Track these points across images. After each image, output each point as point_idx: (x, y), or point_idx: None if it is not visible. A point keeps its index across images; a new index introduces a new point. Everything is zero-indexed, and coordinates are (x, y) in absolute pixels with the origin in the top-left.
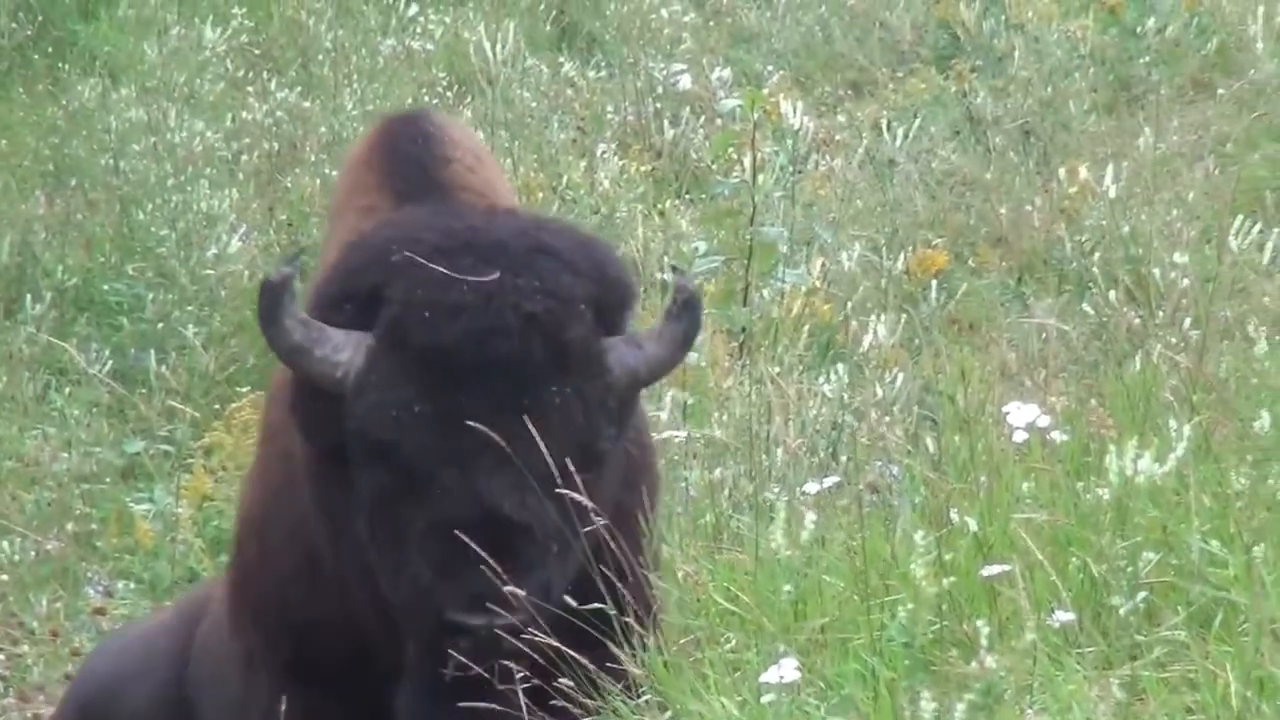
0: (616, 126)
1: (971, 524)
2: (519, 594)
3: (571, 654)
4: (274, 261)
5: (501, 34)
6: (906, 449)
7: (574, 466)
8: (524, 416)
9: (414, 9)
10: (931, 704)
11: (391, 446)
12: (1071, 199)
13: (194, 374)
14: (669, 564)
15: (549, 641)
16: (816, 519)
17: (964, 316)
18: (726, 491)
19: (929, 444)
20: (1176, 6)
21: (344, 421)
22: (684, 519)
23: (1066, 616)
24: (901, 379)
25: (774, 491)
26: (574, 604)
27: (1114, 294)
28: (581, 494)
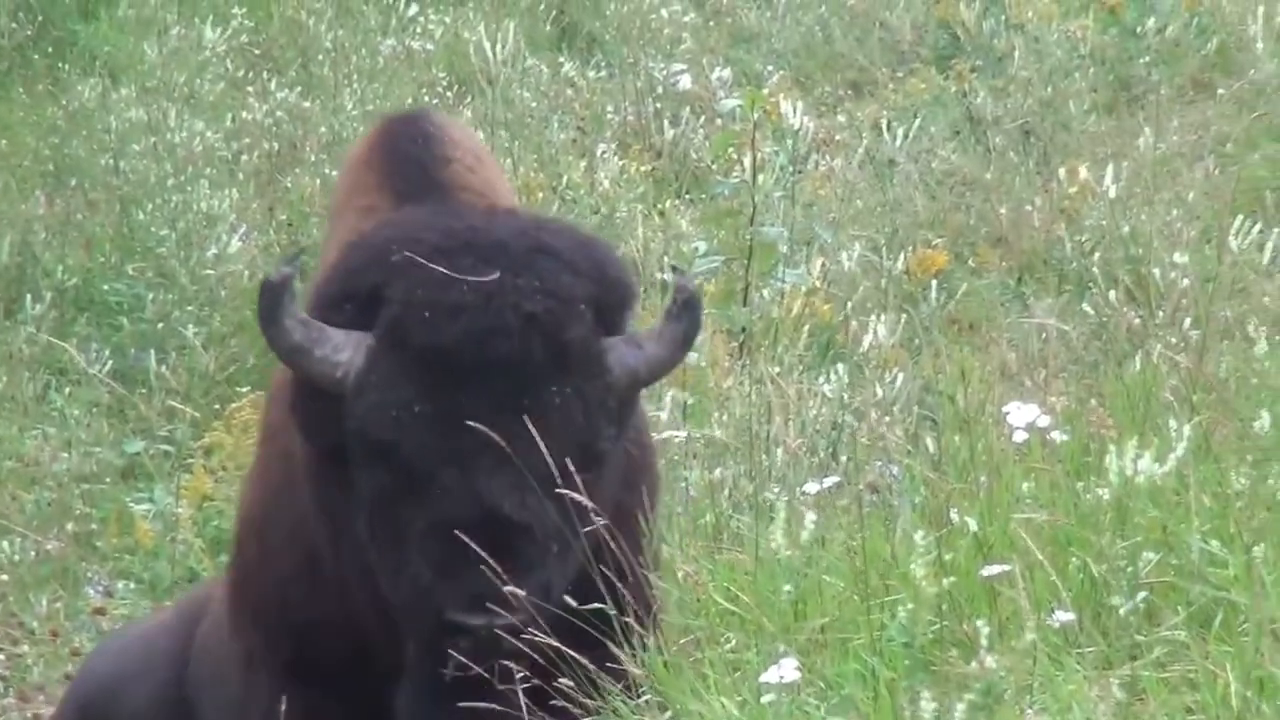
0: (616, 126)
1: (971, 524)
2: (519, 594)
3: (572, 654)
4: (274, 262)
5: (501, 34)
6: (906, 449)
7: (574, 466)
8: (524, 416)
9: (414, 9)
10: (931, 704)
11: (391, 446)
12: (1071, 199)
13: (194, 374)
14: (669, 564)
15: (549, 642)
16: (816, 519)
17: (964, 316)
18: (726, 491)
19: (929, 444)
20: (1176, 6)
21: (344, 421)
22: (684, 519)
23: (1066, 616)
24: (901, 379)
25: (774, 491)
26: (574, 604)
27: (1114, 294)
28: (581, 494)
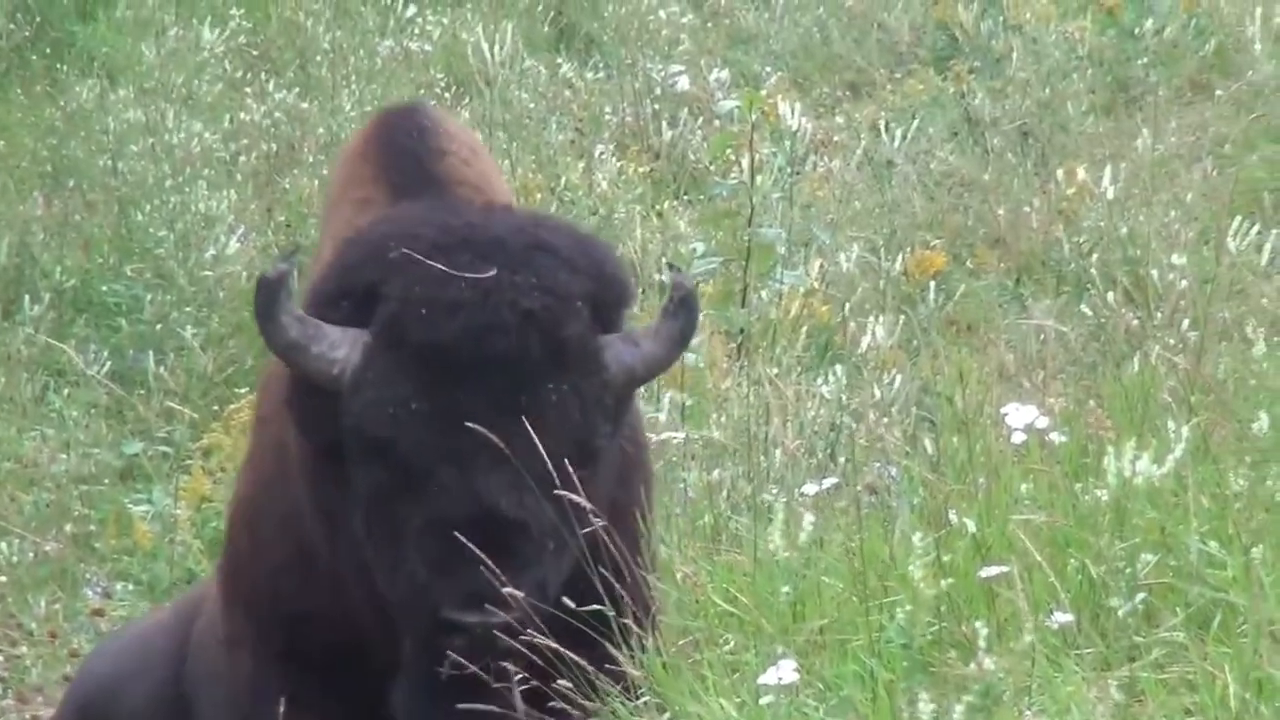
0: (615, 127)
1: (970, 525)
2: (516, 593)
3: (570, 655)
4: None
5: (499, 35)
6: (905, 450)
7: (570, 464)
8: (521, 414)
9: (412, 10)
10: (930, 705)
11: (388, 444)
12: (1069, 200)
13: (192, 375)
14: (668, 565)
15: (547, 642)
16: (815, 520)
17: (962, 318)
18: (725, 493)
19: (927, 445)
20: (1174, 8)
21: (340, 418)
22: (682, 520)
23: (1065, 618)
24: (900, 380)
25: (772, 493)
26: (570, 604)
27: (1112, 295)
28: (578, 492)
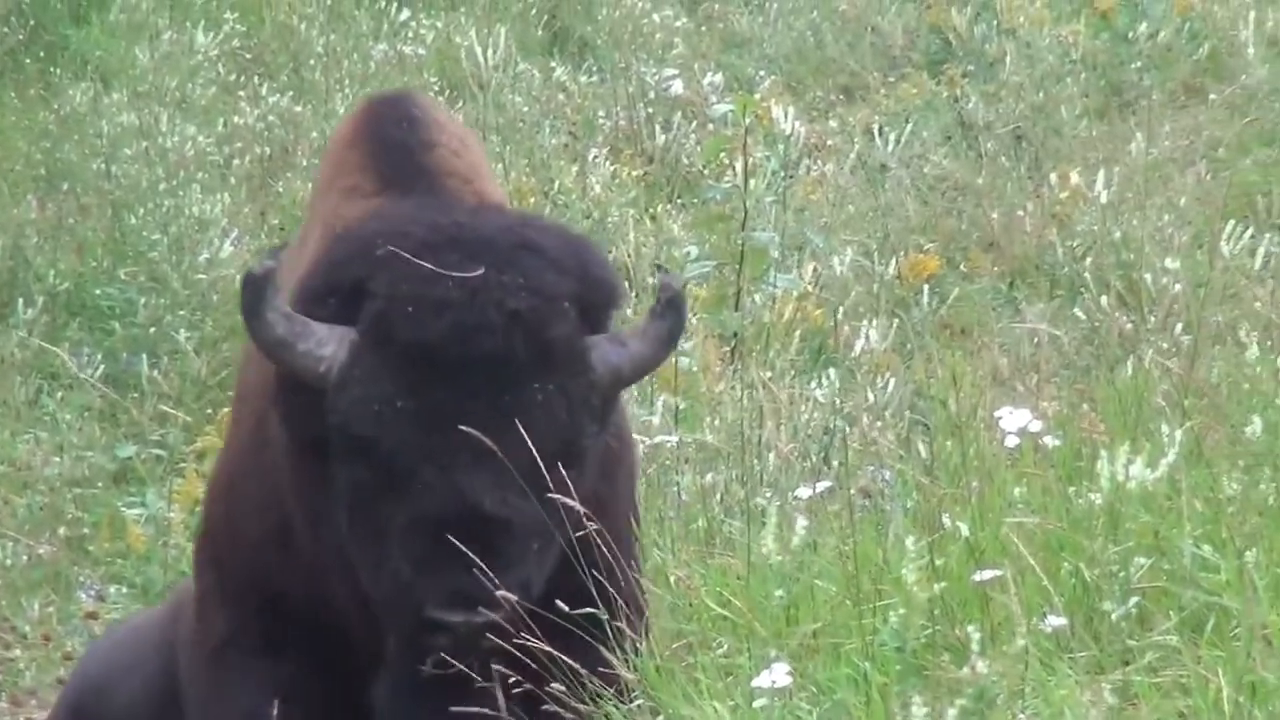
0: (608, 131)
1: (963, 529)
2: (503, 593)
3: (562, 657)
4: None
5: (493, 39)
6: (898, 454)
7: (557, 464)
8: (506, 414)
9: (406, 14)
10: (923, 709)
11: (373, 442)
12: (1063, 204)
13: (186, 378)
14: (661, 569)
15: (533, 643)
16: (808, 524)
17: (956, 321)
18: (718, 496)
19: (921, 449)
20: (1168, 12)
21: (326, 416)
22: (676, 524)
23: (1058, 621)
24: (893, 384)
25: (766, 496)
26: (559, 602)
27: (1105, 299)
28: (564, 492)
